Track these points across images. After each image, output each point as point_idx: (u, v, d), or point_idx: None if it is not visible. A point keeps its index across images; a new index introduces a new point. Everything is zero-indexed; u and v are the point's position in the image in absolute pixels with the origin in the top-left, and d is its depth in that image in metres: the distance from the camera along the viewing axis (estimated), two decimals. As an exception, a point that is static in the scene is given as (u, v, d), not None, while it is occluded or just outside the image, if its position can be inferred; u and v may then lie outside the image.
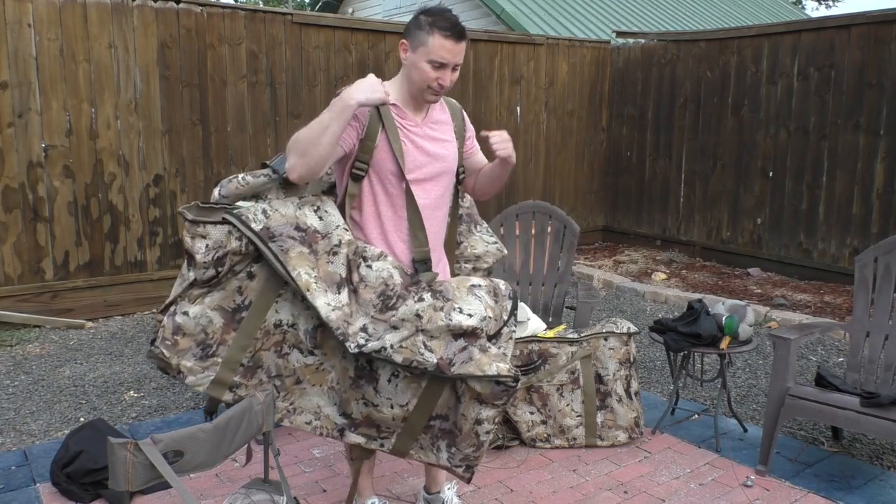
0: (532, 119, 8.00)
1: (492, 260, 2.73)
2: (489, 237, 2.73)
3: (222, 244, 2.19)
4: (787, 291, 6.33)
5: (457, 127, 2.47)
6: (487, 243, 2.71)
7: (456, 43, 2.23)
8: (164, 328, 2.21)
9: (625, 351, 3.41)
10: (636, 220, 8.42)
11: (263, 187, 2.33)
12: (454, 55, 2.24)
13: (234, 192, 2.31)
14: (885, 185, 6.19)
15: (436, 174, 2.37)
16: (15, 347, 4.86)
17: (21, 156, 5.18)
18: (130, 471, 1.70)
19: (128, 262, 5.68)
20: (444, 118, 2.44)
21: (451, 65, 2.25)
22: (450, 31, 2.21)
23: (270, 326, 2.25)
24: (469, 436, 2.26)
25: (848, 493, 3.01)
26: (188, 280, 2.20)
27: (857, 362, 3.35)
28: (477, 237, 2.72)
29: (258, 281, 2.23)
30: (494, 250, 2.72)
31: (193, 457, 1.81)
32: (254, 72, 6.06)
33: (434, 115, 2.41)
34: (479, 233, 2.73)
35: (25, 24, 5.08)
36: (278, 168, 2.32)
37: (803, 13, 18.85)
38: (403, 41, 2.29)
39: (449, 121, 2.45)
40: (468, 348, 2.20)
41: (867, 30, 6.24)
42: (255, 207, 2.23)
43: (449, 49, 2.22)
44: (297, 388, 2.31)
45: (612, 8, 11.87)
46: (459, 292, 2.25)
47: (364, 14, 13.12)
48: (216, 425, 1.88)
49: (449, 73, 2.26)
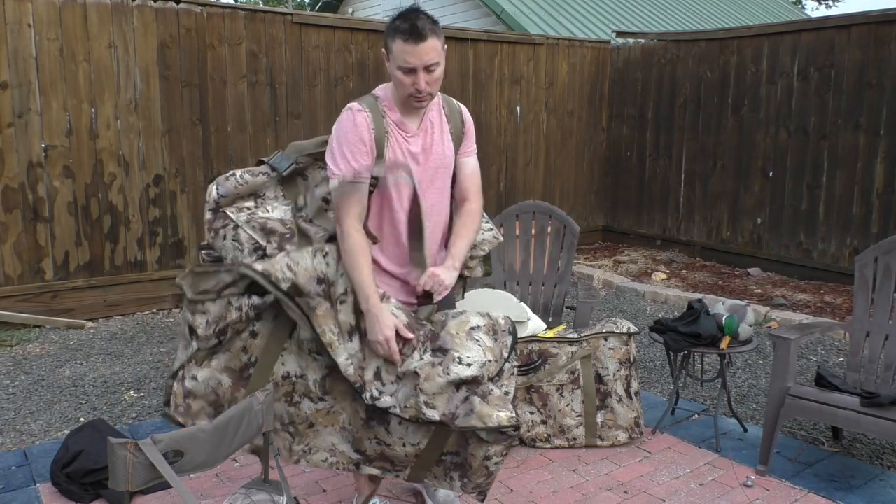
0: (532, 119, 8.00)
1: (488, 248, 2.71)
2: (486, 224, 2.71)
3: (223, 317, 2.22)
4: (787, 291, 6.33)
5: (454, 127, 2.41)
6: (484, 230, 2.69)
7: (416, 44, 2.12)
8: (176, 394, 2.26)
9: (625, 351, 3.41)
10: (636, 220, 8.42)
11: (262, 186, 2.33)
12: (419, 57, 2.13)
13: (232, 191, 2.32)
14: (885, 185, 6.19)
15: (432, 179, 2.36)
16: (15, 347, 4.86)
17: (21, 156, 5.18)
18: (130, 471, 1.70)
19: (128, 262, 5.68)
20: (440, 119, 2.39)
21: (419, 68, 2.15)
22: (408, 33, 2.11)
23: (279, 378, 2.29)
24: (479, 469, 2.28)
25: (848, 493, 3.01)
26: (193, 349, 2.25)
27: (857, 362, 3.35)
28: None
29: (261, 338, 2.27)
30: (490, 237, 2.71)
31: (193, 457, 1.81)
32: (254, 72, 6.06)
33: (431, 116, 2.36)
34: None
35: (25, 24, 5.09)
36: (277, 166, 2.32)
37: (803, 13, 18.85)
38: (383, 49, 2.24)
39: (444, 121, 2.40)
40: (470, 398, 2.17)
41: (867, 30, 6.24)
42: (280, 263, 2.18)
43: (411, 52, 2.12)
44: (311, 431, 2.35)
45: (612, 8, 11.87)
46: (459, 339, 2.21)
47: (364, 14, 13.12)
48: (216, 425, 1.87)
49: (422, 76, 2.16)
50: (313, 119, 6.41)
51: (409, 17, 2.14)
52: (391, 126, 2.28)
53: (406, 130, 2.30)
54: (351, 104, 2.26)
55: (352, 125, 2.22)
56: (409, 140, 2.31)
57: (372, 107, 2.26)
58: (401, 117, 2.29)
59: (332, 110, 6.51)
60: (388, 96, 2.31)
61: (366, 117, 2.23)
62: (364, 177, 2.23)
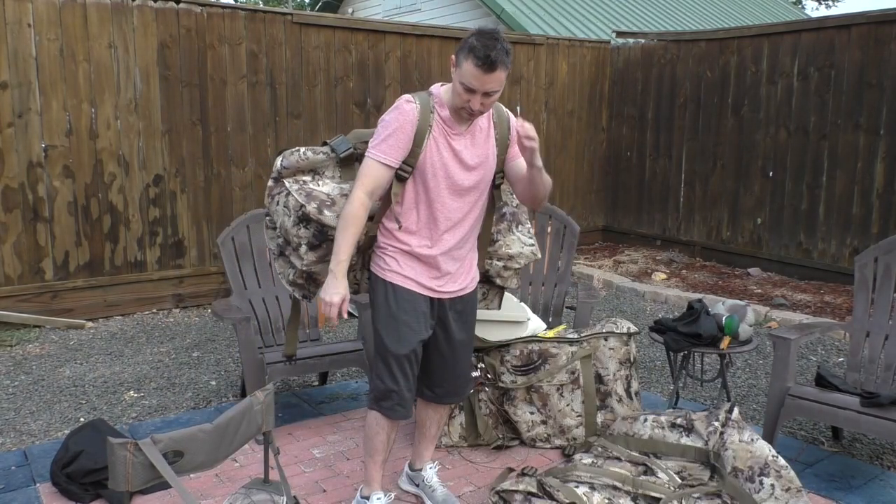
0: (532, 119, 7.99)
1: (524, 261, 2.79)
2: (528, 238, 2.81)
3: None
4: (787, 291, 6.33)
5: (500, 134, 2.53)
6: (524, 244, 2.80)
7: (485, 73, 2.24)
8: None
9: (625, 351, 3.41)
10: (636, 220, 8.42)
11: (322, 164, 2.58)
12: (483, 84, 2.26)
13: (294, 164, 2.56)
14: (885, 185, 6.19)
15: (472, 180, 2.47)
16: (15, 347, 4.86)
17: (21, 156, 5.18)
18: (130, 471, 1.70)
19: (128, 262, 5.68)
20: (488, 125, 2.51)
21: (479, 92, 2.29)
22: (482, 60, 2.22)
23: None
24: None
25: (848, 493, 3.01)
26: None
27: (857, 362, 3.35)
28: (515, 237, 2.81)
29: None
30: (529, 252, 2.80)
31: (193, 457, 1.82)
32: (254, 72, 6.06)
33: (481, 121, 2.48)
34: (518, 233, 2.82)
35: (25, 24, 5.08)
36: (336, 147, 2.57)
37: (803, 13, 18.85)
38: (452, 57, 2.36)
39: (492, 128, 2.51)
40: None
41: (867, 30, 6.24)
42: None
43: (477, 77, 2.25)
44: None
45: (612, 8, 11.87)
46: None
47: (364, 14, 13.12)
48: (217, 426, 1.87)
49: (478, 98, 2.30)
50: (313, 119, 6.41)
51: (487, 43, 2.24)
52: (438, 121, 2.41)
53: (452, 128, 2.43)
54: (405, 95, 2.43)
55: (398, 114, 2.38)
56: (454, 137, 2.44)
57: (423, 101, 2.41)
58: (450, 115, 2.42)
59: (332, 110, 6.51)
60: (441, 95, 2.44)
61: (414, 108, 2.38)
62: (390, 162, 2.39)
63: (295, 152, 2.58)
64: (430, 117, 2.40)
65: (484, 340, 3.32)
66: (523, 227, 2.84)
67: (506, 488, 2.65)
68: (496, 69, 2.24)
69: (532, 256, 2.80)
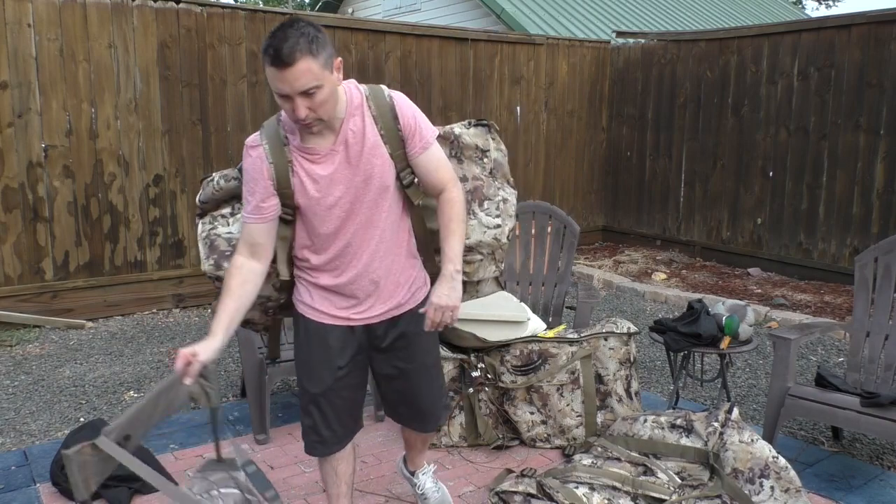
0: (532, 119, 8.00)
1: (486, 251, 2.41)
2: (492, 219, 2.40)
3: None
4: (787, 291, 6.33)
5: (384, 127, 2.08)
6: (486, 228, 2.40)
7: (282, 70, 1.85)
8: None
9: (625, 351, 3.41)
10: (636, 220, 8.42)
11: (237, 190, 2.30)
12: (289, 83, 1.86)
13: (210, 196, 2.34)
14: (885, 185, 6.19)
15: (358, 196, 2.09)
16: (15, 347, 4.86)
17: (21, 156, 5.18)
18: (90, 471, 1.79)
19: (128, 262, 5.68)
20: (363, 124, 2.07)
21: (293, 94, 1.88)
22: (272, 58, 1.85)
23: None
24: None
25: (848, 493, 3.01)
26: None
27: (857, 362, 3.35)
28: (474, 222, 2.40)
29: None
30: (490, 239, 2.40)
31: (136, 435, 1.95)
32: (254, 72, 6.06)
33: (352, 126, 2.06)
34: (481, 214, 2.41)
35: (25, 24, 5.08)
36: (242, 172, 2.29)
37: (803, 13, 18.85)
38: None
39: (369, 125, 2.07)
40: None
41: (867, 30, 6.24)
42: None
43: (278, 77, 1.86)
44: None
45: (612, 8, 11.87)
46: None
47: (364, 14, 13.12)
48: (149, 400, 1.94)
49: (299, 101, 1.89)
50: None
51: (276, 36, 1.86)
52: (294, 152, 2.06)
53: (313, 153, 2.06)
54: (249, 139, 2.10)
55: (248, 164, 2.09)
56: (320, 163, 2.05)
57: (271, 136, 2.07)
58: (303, 143, 2.05)
59: (332, 110, 6.50)
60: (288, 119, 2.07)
61: (261, 154, 2.06)
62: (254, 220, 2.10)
63: (209, 182, 2.30)
64: (284, 152, 2.05)
65: (484, 340, 3.32)
66: (490, 203, 2.41)
67: (505, 489, 2.65)
68: (295, 61, 1.83)
69: (494, 244, 2.39)
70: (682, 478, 2.71)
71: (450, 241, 2.14)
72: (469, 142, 2.44)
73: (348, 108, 2.05)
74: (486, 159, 2.44)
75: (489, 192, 2.42)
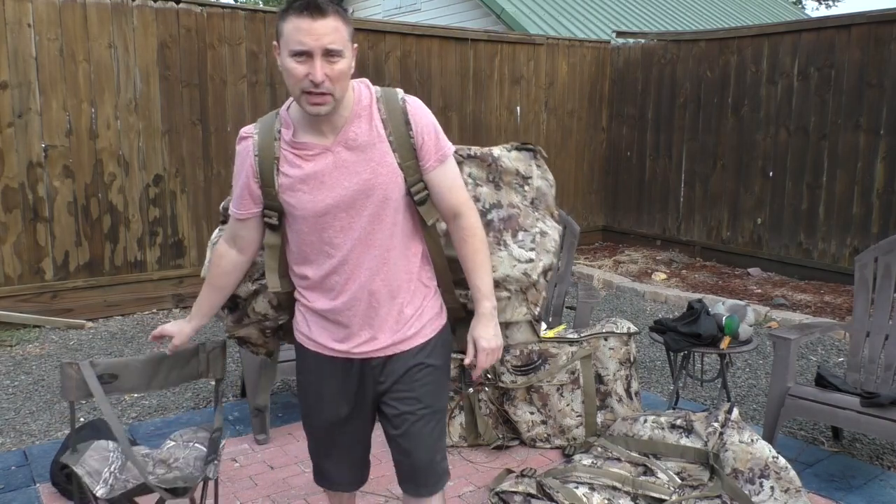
0: (532, 119, 8.00)
1: (514, 287, 2.11)
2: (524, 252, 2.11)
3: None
4: (787, 291, 6.33)
5: (394, 132, 1.84)
6: (516, 262, 2.10)
7: (314, 19, 1.68)
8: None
9: (625, 351, 3.41)
10: (636, 220, 8.42)
11: None
12: (317, 37, 1.68)
13: None
14: (885, 185, 6.19)
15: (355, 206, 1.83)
16: (15, 347, 4.86)
17: (21, 156, 5.18)
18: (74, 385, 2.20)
19: (128, 262, 5.68)
20: (369, 127, 1.83)
21: (316, 51, 1.69)
22: (303, 7, 1.69)
23: None
24: None
25: (848, 493, 3.01)
26: None
27: (857, 362, 3.35)
28: (504, 254, 2.10)
29: None
30: (518, 274, 2.09)
31: (126, 381, 2.28)
32: (254, 72, 6.06)
33: (355, 129, 1.83)
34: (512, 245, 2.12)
35: (25, 24, 5.08)
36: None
37: (803, 13, 18.85)
38: (274, 42, 1.83)
39: (376, 127, 1.84)
40: None
41: (867, 30, 6.24)
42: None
43: (305, 30, 1.68)
44: None
45: (612, 8, 11.87)
46: None
47: (364, 14, 13.11)
48: (148, 359, 2.30)
49: (319, 63, 1.70)
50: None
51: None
52: (284, 148, 1.86)
53: (304, 149, 1.83)
54: (244, 128, 1.97)
55: (237, 153, 1.96)
56: (310, 160, 1.82)
57: (266, 127, 1.90)
58: (295, 136, 1.84)
59: (332, 110, 6.51)
60: (286, 111, 1.90)
61: (248, 145, 1.92)
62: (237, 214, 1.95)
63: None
64: (273, 147, 1.86)
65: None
66: (525, 235, 2.13)
67: (505, 489, 2.65)
68: (327, 13, 1.69)
69: (524, 280, 2.09)
70: (682, 478, 2.71)
71: (480, 274, 1.93)
72: (509, 166, 2.17)
73: (355, 107, 1.83)
74: (527, 187, 2.18)
75: (526, 222, 2.15)
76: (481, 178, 2.13)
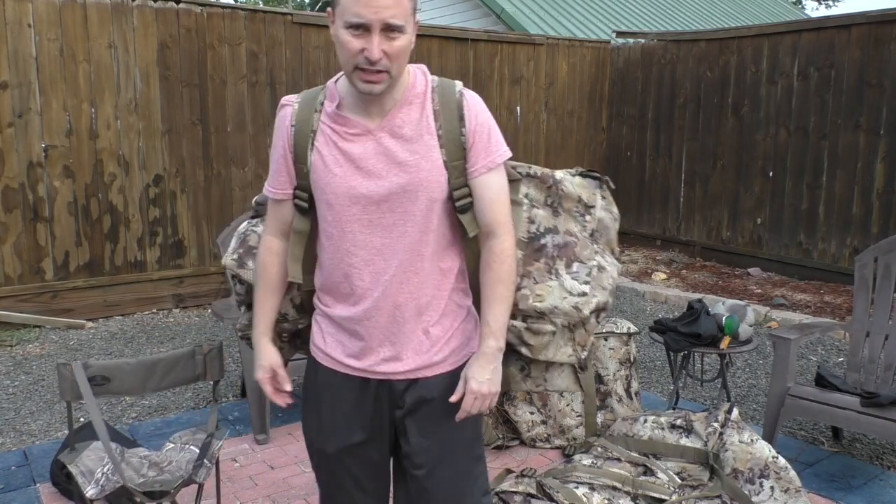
0: (532, 119, 8.00)
1: (561, 321, 1.93)
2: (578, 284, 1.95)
3: None
4: (787, 291, 6.34)
5: (446, 127, 1.64)
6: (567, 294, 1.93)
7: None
8: None
9: (625, 351, 3.41)
10: (636, 219, 8.42)
11: None
12: (375, 10, 1.49)
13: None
14: (885, 185, 6.19)
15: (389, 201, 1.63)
16: (15, 347, 4.86)
17: (21, 156, 5.18)
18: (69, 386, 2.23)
19: (128, 262, 5.68)
20: (421, 115, 1.64)
21: (375, 25, 1.50)
22: None
23: None
24: None
25: (848, 493, 3.01)
26: None
27: (857, 362, 3.35)
28: (554, 283, 1.94)
29: None
30: (568, 307, 1.91)
31: (120, 383, 2.32)
32: (254, 72, 6.06)
33: (407, 113, 1.64)
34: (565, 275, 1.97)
35: (25, 24, 5.08)
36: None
37: (803, 13, 18.85)
38: (329, 9, 1.62)
39: (428, 118, 1.64)
40: None
41: (867, 30, 6.24)
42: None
43: (364, 1, 1.49)
44: None
45: (612, 8, 11.87)
46: None
47: (364, 14, 13.10)
48: (140, 361, 2.34)
49: (376, 39, 1.51)
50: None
51: None
52: (324, 122, 1.66)
53: (345, 126, 1.64)
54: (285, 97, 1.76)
55: (276, 124, 1.74)
56: (350, 139, 1.63)
57: (308, 99, 1.70)
58: (339, 110, 1.65)
59: (332, 110, 6.50)
60: (334, 83, 1.69)
61: (289, 113, 1.70)
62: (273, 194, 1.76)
63: None
64: (312, 119, 1.66)
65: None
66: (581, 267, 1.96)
67: (505, 489, 2.65)
68: None
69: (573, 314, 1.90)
70: (682, 478, 2.71)
71: (494, 308, 1.67)
72: (571, 191, 2.03)
73: (407, 93, 1.64)
74: (588, 217, 2.07)
75: (583, 253, 2.00)
76: (539, 200, 1.98)
